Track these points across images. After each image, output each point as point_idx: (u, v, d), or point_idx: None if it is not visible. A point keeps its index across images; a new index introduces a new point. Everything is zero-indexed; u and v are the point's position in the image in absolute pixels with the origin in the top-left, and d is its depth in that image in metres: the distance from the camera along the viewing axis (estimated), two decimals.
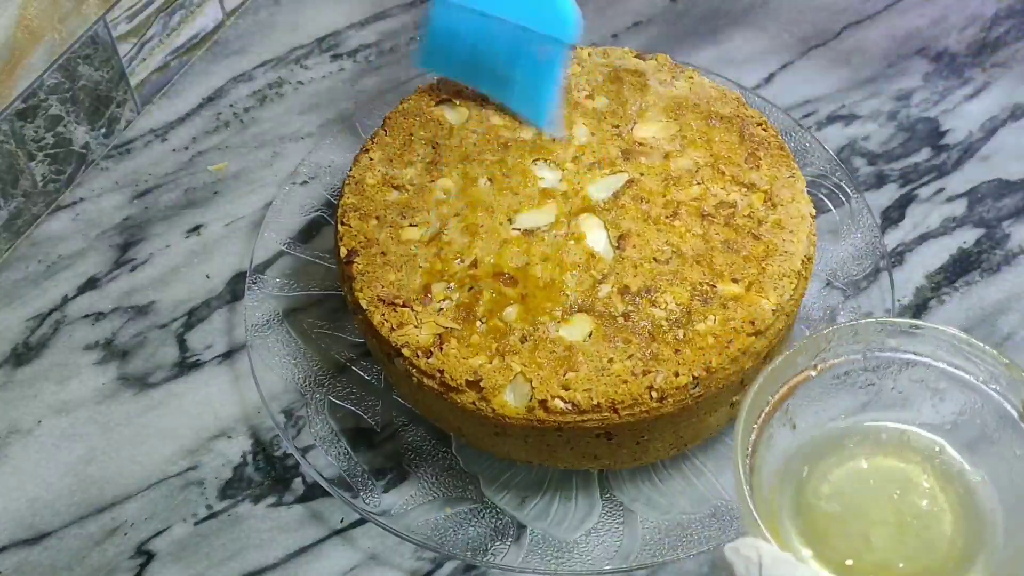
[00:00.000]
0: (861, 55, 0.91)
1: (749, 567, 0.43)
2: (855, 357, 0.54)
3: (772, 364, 0.52)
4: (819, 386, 0.54)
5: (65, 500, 0.68)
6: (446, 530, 0.65)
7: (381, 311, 0.64)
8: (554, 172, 0.70)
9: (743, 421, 0.50)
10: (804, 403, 0.54)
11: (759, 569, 0.43)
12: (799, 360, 0.53)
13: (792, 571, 0.42)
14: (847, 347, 0.54)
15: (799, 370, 0.53)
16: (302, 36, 0.93)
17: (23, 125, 0.76)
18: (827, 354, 0.54)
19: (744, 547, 0.44)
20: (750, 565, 0.43)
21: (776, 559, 0.43)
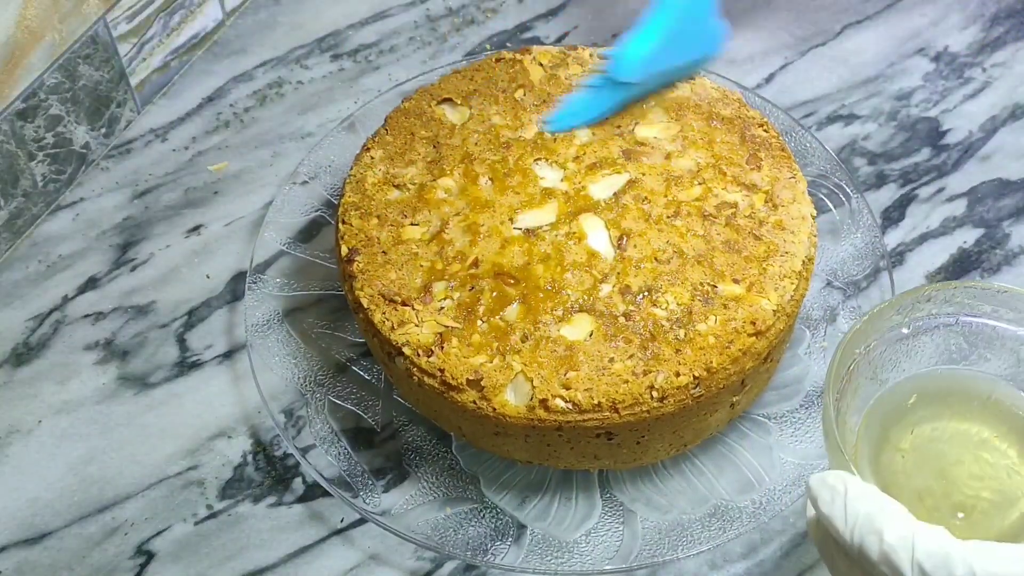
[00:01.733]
0: (861, 55, 0.91)
1: (835, 496, 0.43)
2: (948, 320, 0.54)
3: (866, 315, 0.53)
4: (909, 344, 0.54)
5: (65, 500, 0.68)
6: (446, 530, 0.65)
7: (382, 310, 0.64)
8: (555, 171, 0.70)
9: (835, 364, 0.50)
10: (892, 359, 0.54)
11: (844, 499, 0.43)
12: (893, 316, 0.53)
13: (877, 502, 0.42)
14: (941, 307, 0.54)
15: (892, 326, 0.54)
16: (302, 36, 0.93)
17: (23, 125, 0.76)
18: (920, 313, 0.54)
19: (831, 477, 0.44)
20: (835, 495, 0.43)
21: (861, 490, 0.43)
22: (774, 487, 0.66)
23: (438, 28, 0.94)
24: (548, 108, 0.73)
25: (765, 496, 0.65)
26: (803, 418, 0.69)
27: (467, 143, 0.71)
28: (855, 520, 0.42)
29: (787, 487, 0.65)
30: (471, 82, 0.75)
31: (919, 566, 0.40)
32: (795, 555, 0.65)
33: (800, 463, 0.66)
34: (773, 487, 0.66)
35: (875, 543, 0.41)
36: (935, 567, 0.40)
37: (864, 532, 0.41)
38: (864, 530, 0.42)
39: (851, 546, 0.42)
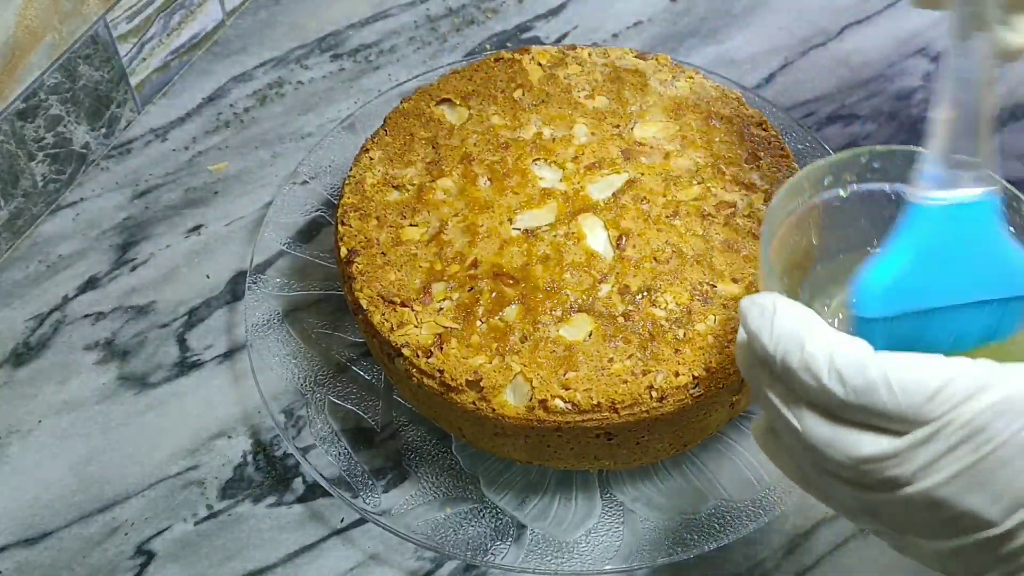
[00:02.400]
0: (861, 55, 0.91)
1: (763, 313, 0.44)
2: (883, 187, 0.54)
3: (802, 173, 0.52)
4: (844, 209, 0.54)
5: (65, 500, 0.68)
6: (446, 530, 0.65)
7: (381, 311, 0.64)
8: (554, 172, 0.70)
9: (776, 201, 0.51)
10: (827, 219, 0.53)
11: (772, 315, 0.44)
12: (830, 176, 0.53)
13: (802, 316, 0.43)
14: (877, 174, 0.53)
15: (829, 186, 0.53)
16: (302, 36, 0.93)
17: (23, 125, 0.76)
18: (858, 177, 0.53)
19: (760, 297, 0.45)
20: (764, 312, 0.44)
21: (789, 307, 0.44)
22: (774, 487, 0.66)
23: (438, 28, 0.94)
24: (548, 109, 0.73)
25: (765, 496, 0.65)
26: None
27: (466, 144, 0.71)
28: (780, 334, 0.43)
29: (787, 487, 0.65)
30: (470, 82, 0.75)
31: (837, 371, 0.41)
32: (795, 555, 0.65)
33: None
34: (773, 487, 0.66)
35: (797, 352, 0.42)
36: (852, 374, 0.41)
37: (788, 344, 0.43)
38: (788, 342, 0.43)
39: (774, 359, 0.43)
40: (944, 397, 0.40)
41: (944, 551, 0.43)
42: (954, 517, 0.41)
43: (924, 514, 0.42)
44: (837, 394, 0.41)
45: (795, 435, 0.43)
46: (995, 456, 0.40)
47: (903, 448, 0.41)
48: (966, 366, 0.41)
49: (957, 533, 0.42)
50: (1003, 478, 0.40)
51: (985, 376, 0.40)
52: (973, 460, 0.40)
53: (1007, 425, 0.40)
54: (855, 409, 0.41)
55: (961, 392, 0.40)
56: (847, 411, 0.42)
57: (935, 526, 0.42)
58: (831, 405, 0.42)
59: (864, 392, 0.41)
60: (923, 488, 0.41)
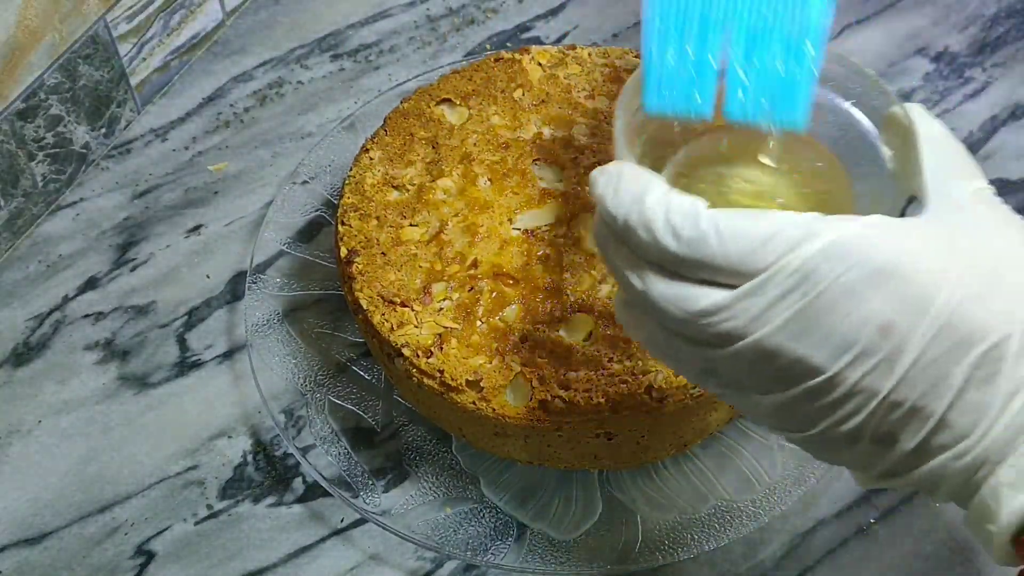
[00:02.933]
0: (861, 55, 0.91)
1: (609, 180, 0.45)
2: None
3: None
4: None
5: (65, 500, 0.68)
6: (446, 530, 0.65)
7: (381, 311, 0.64)
8: (554, 172, 0.70)
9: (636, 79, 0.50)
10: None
11: (617, 180, 0.44)
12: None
13: (644, 178, 0.44)
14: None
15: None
16: (302, 36, 0.93)
17: (23, 125, 0.76)
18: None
19: (609, 166, 0.45)
20: (610, 178, 0.45)
21: (635, 172, 0.44)
22: (774, 487, 0.66)
23: (438, 28, 0.94)
24: (548, 109, 0.73)
25: (765, 496, 0.65)
26: None
27: (466, 143, 0.71)
28: (622, 196, 0.44)
29: (787, 487, 0.65)
30: (470, 82, 0.75)
31: (671, 226, 0.42)
32: (795, 555, 0.65)
33: (801, 463, 0.66)
34: (773, 487, 0.66)
35: (636, 211, 0.43)
36: (683, 224, 0.42)
37: (628, 205, 0.44)
38: (629, 203, 0.44)
39: (617, 221, 0.44)
40: (773, 246, 0.41)
41: (779, 405, 0.43)
42: (785, 366, 0.41)
43: (758, 367, 0.42)
44: (671, 248, 0.42)
45: (641, 297, 0.44)
46: (821, 301, 0.40)
47: (735, 299, 0.41)
48: (794, 217, 0.41)
49: (789, 384, 0.42)
50: (829, 322, 0.40)
51: (811, 224, 0.41)
52: (801, 306, 0.40)
53: (831, 269, 0.40)
54: (690, 264, 0.42)
55: (789, 240, 0.41)
56: (683, 266, 0.42)
57: (769, 379, 0.43)
58: (668, 260, 0.43)
59: (696, 244, 0.41)
60: (755, 339, 0.41)
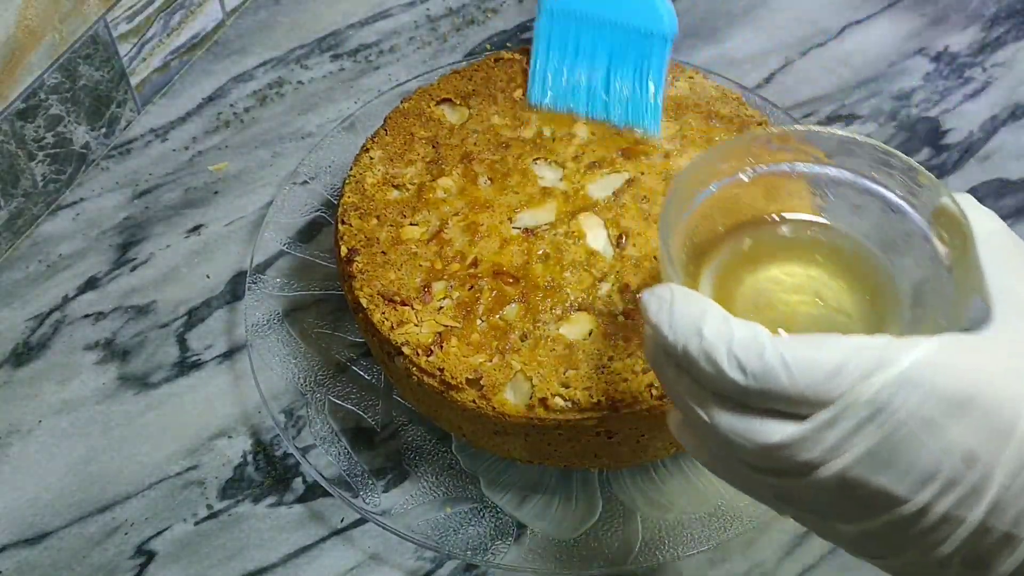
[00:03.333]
0: (861, 55, 0.91)
1: (662, 305, 0.43)
2: (784, 168, 0.54)
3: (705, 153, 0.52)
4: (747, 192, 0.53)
5: (65, 500, 0.68)
6: (446, 530, 0.65)
7: (381, 309, 0.64)
8: (554, 171, 0.70)
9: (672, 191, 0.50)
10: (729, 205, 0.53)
11: (670, 306, 0.43)
12: (731, 162, 0.53)
13: (699, 304, 0.43)
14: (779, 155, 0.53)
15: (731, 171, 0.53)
16: (302, 36, 0.93)
17: (23, 125, 0.76)
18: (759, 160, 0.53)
19: (658, 289, 0.44)
20: (662, 303, 0.44)
21: (686, 296, 0.44)
22: None
23: (438, 28, 0.94)
24: None
25: None
26: None
27: (466, 143, 0.71)
28: (679, 324, 0.43)
29: None
30: (470, 82, 0.75)
31: (735, 357, 0.41)
32: (795, 555, 0.65)
33: None
34: None
35: (696, 342, 0.42)
36: (748, 356, 0.41)
37: (687, 334, 0.42)
38: (686, 332, 0.42)
39: (675, 349, 0.43)
40: (844, 376, 0.40)
41: (863, 533, 0.42)
42: (867, 497, 0.41)
43: (838, 496, 0.41)
44: (738, 381, 0.41)
45: (706, 427, 0.43)
46: (900, 433, 0.39)
47: (809, 432, 0.40)
48: (863, 342, 0.40)
49: (872, 513, 0.41)
50: (909, 454, 0.40)
51: (882, 351, 0.40)
52: (878, 438, 0.40)
53: (907, 399, 0.39)
54: (757, 395, 0.41)
55: (860, 370, 0.40)
56: (750, 398, 0.41)
57: (850, 508, 0.42)
58: (734, 393, 0.42)
59: (764, 377, 0.40)
60: (833, 471, 0.40)
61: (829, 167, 0.53)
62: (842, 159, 0.53)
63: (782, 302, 0.51)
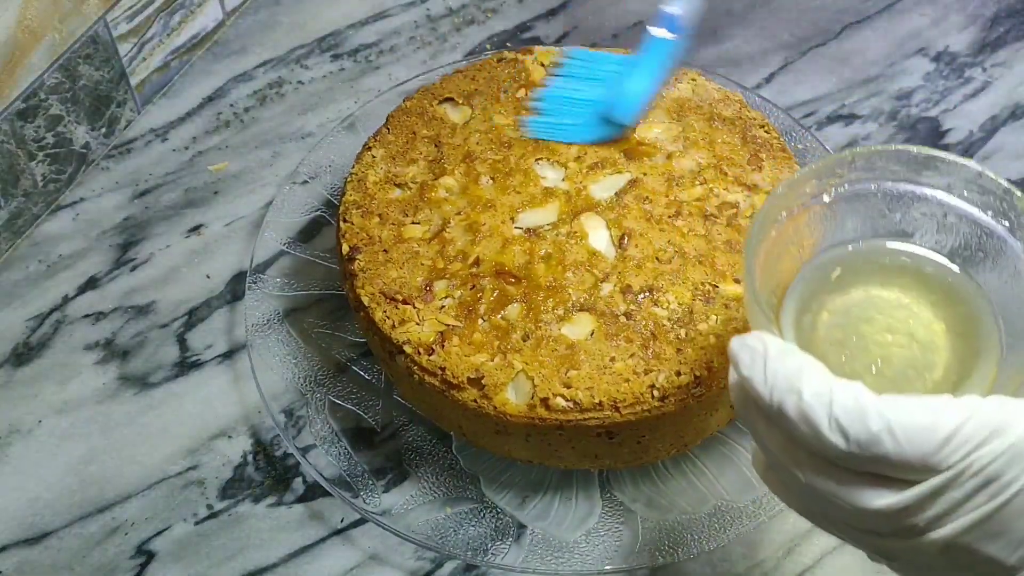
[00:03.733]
0: (861, 55, 0.91)
1: (755, 357, 0.42)
2: (869, 187, 0.53)
3: (788, 180, 0.52)
4: (830, 212, 0.53)
5: (66, 500, 0.68)
6: (446, 530, 0.65)
7: (383, 308, 0.64)
8: (557, 171, 0.70)
9: (755, 229, 0.49)
10: (812, 226, 0.53)
11: (764, 359, 0.42)
12: (814, 182, 0.52)
13: (796, 361, 0.41)
14: (862, 174, 0.53)
15: (813, 192, 0.53)
16: (302, 36, 0.93)
17: (23, 125, 0.76)
18: (842, 180, 0.53)
19: (751, 339, 0.43)
20: (755, 356, 0.42)
21: (781, 349, 0.42)
22: None
23: (438, 28, 0.94)
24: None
25: (765, 496, 0.65)
26: None
27: (469, 142, 0.71)
28: (774, 380, 0.41)
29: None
30: (473, 82, 0.75)
31: (836, 421, 0.39)
32: (795, 555, 0.65)
33: None
34: None
35: (793, 402, 0.40)
36: (851, 421, 0.39)
37: (783, 391, 0.41)
38: (783, 389, 0.41)
39: (770, 407, 0.41)
40: (955, 445, 0.38)
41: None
42: (972, 563, 0.40)
43: (941, 559, 0.40)
44: (840, 446, 0.40)
45: (800, 484, 0.42)
46: (1012, 505, 0.38)
47: (916, 499, 0.39)
48: (974, 407, 0.39)
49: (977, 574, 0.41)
50: (1021, 524, 0.39)
51: (996, 418, 0.39)
52: (990, 509, 0.39)
53: (1021, 471, 0.38)
54: (861, 460, 0.40)
55: (973, 438, 0.38)
56: (851, 461, 0.40)
57: (953, 570, 0.41)
58: (835, 457, 0.40)
59: (868, 444, 0.39)
60: (939, 537, 0.39)
61: (915, 185, 0.53)
62: (929, 177, 0.52)
63: (874, 343, 0.50)
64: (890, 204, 0.53)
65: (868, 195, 0.54)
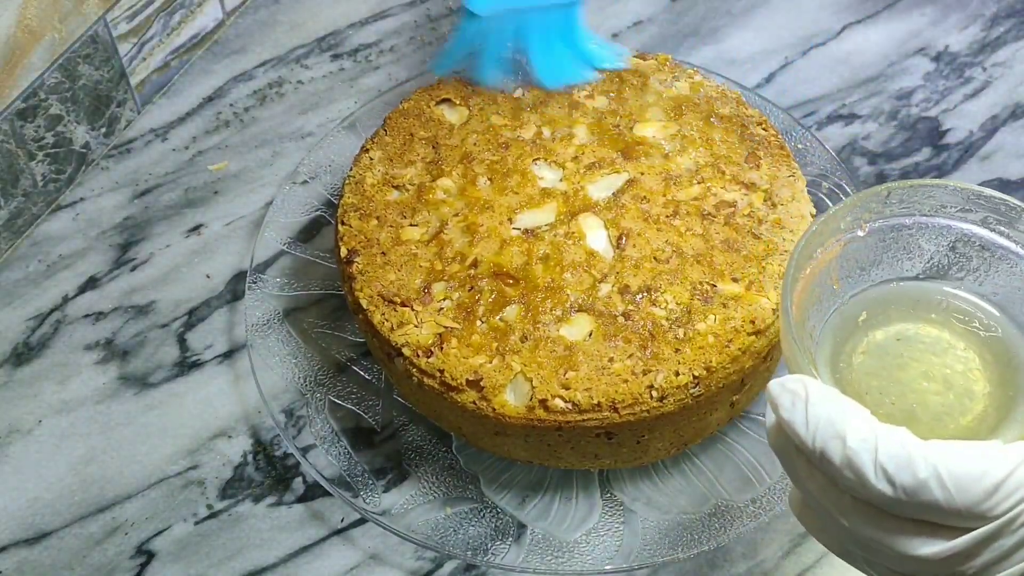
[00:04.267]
0: (861, 55, 0.91)
1: (796, 401, 0.41)
2: (903, 221, 0.53)
3: (821, 218, 0.51)
4: (864, 247, 0.53)
5: (66, 500, 0.68)
6: (446, 530, 0.65)
7: (381, 310, 0.64)
8: (554, 172, 0.70)
9: (792, 266, 0.49)
10: (847, 262, 0.52)
11: (805, 403, 0.41)
12: (848, 217, 0.52)
13: (838, 405, 0.41)
14: (896, 208, 0.52)
15: (847, 227, 0.52)
16: (302, 36, 0.93)
17: (23, 125, 0.76)
18: (876, 214, 0.52)
19: (790, 382, 0.42)
20: (796, 400, 0.41)
21: (822, 394, 0.41)
22: (774, 486, 0.66)
23: (438, 28, 0.94)
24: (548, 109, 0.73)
25: (765, 496, 0.65)
26: None
27: (466, 143, 0.71)
28: (816, 425, 0.41)
29: (787, 486, 0.65)
30: (470, 82, 0.75)
31: (882, 468, 0.39)
32: (795, 555, 0.65)
33: None
34: (773, 486, 0.66)
35: (838, 448, 0.40)
36: (898, 469, 0.39)
37: (826, 437, 0.40)
38: (826, 435, 0.40)
39: (813, 452, 0.41)
40: (1006, 492, 0.38)
41: None
42: None
43: None
44: (886, 493, 0.39)
45: (841, 527, 0.41)
46: None
47: (964, 548, 0.39)
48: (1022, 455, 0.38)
49: None
50: None
51: None
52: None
53: None
54: (907, 507, 0.39)
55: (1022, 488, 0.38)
56: (898, 508, 0.39)
57: None
58: (880, 503, 0.40)
59: (915, 491, 0.38)
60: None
61: (951, 220, 0.53)
62: (965, 212, 0.52)
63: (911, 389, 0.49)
64: (925, 239, 0.53)
65: (903, 229, 0.53)
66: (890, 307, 0.53)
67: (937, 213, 0.53)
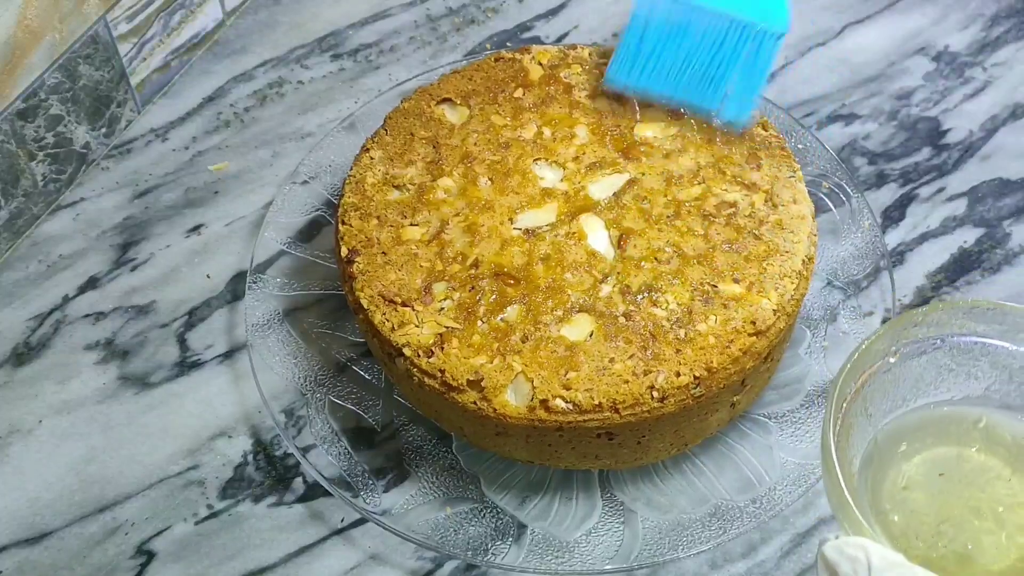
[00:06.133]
0: (861, 55, 0.91)
1: (857, 568, 0.41)
2: (935, 342, 0.53)
3: (853, 355, 0.51)
4: (897, 372, 0.53)
5: (66, 500, 0.68)
6: (447, 530, 0.65)
7: (382, 311, 0.64)
8: (555, 172, 0.70)
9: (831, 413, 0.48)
10: (880, 389, 0.52)
11: (868, 571, 0.40)
12: (878, 347, 0.52)
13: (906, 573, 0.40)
14: (927, 331, 0.52)
15: (879, 357, 0.52)
16: (302, 36, 0.93)
17: (23, 125, 0.76)
18: (907, 339, 0.52)
19: (849, 547, 0.41)
20: (858, 566, 0.41)
21: (886, 560, 0.40)
22: (774, 487, 0.66)
23: (438, 28, 0.94)
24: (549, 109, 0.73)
25: (765, 496, 0.65)
26: (803, 418, 0.69)
27: (466, 143, 0.71)
28: None
29: (787, 487, 0.65)
30: (470, 82, 0.75)
31: None
32: (795, 555, 0.65)
33: (800, 462, 0.66)
34: (773, 487, 0.66)
35: None
36: None
37: None
38: None
39: None
40: None
41: None
42: None
43: None
44: None
45: None
46: None
47: None
48: None
49: None
50: None
51: None
52: None
53: None
54: None
55: None
56: None
57: None
58: None
59: None
60: None
61: (983, 339, 0.52)
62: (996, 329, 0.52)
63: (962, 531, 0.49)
64: (956, 357, 0.53)
65: (935, 350, 0.53)
66: (928, 434, 0.52)
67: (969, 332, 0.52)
